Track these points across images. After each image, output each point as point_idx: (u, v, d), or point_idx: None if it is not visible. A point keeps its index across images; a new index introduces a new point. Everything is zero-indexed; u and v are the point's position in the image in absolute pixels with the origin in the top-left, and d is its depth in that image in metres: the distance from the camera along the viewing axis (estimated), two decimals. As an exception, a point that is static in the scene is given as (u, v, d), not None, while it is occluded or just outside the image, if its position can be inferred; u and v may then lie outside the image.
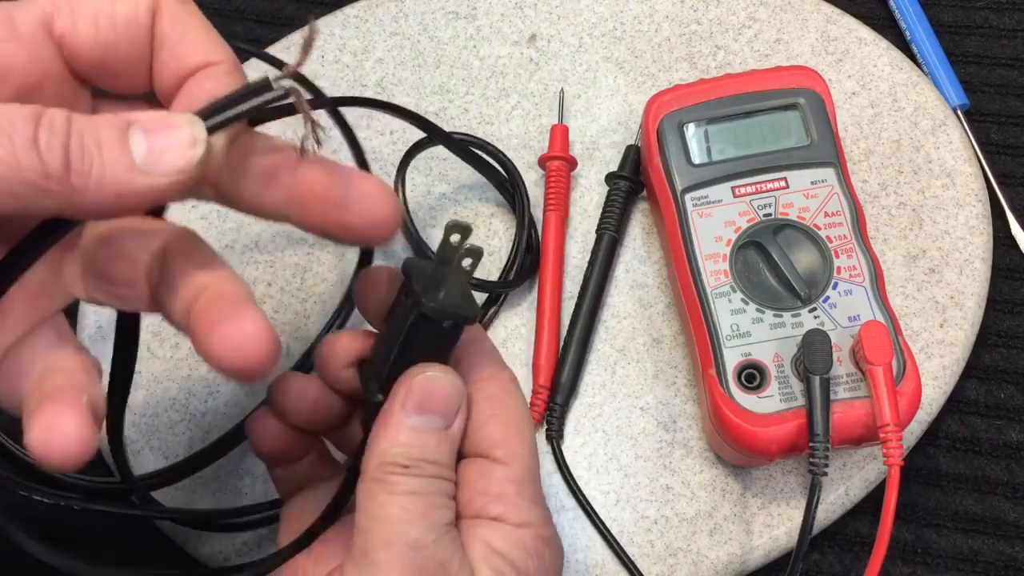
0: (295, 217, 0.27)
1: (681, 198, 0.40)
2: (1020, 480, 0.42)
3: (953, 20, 0.52)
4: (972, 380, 0.44)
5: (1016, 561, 0.41)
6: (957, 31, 0.52)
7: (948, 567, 0.41)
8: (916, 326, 0.43)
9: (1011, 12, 0.52)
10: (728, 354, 0.37)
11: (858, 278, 0.38)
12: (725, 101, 0.41)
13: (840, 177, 0.40)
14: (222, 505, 0.41)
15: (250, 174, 0.27)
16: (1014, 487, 0.42)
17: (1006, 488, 0.42)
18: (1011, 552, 0.41)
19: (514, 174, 0.45)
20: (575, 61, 0.50)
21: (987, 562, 0.41)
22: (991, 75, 0.50)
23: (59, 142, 0.24)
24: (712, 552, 0.40)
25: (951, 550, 0.41)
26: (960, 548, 0.41)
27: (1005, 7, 0.52)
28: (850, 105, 0.47)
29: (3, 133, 0.23)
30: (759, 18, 0.50)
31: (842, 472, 0.40)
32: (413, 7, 0.51)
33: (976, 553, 0.41)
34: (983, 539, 0.41)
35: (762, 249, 0.38)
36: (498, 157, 0.45)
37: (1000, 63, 0.51)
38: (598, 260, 0.44)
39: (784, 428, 0.36)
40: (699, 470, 0.41)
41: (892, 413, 0.34)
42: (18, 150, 0.23)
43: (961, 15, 0.52)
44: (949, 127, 0.46)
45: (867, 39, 0.49)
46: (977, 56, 0.51)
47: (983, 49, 0.51)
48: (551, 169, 0.46)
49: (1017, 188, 0.48)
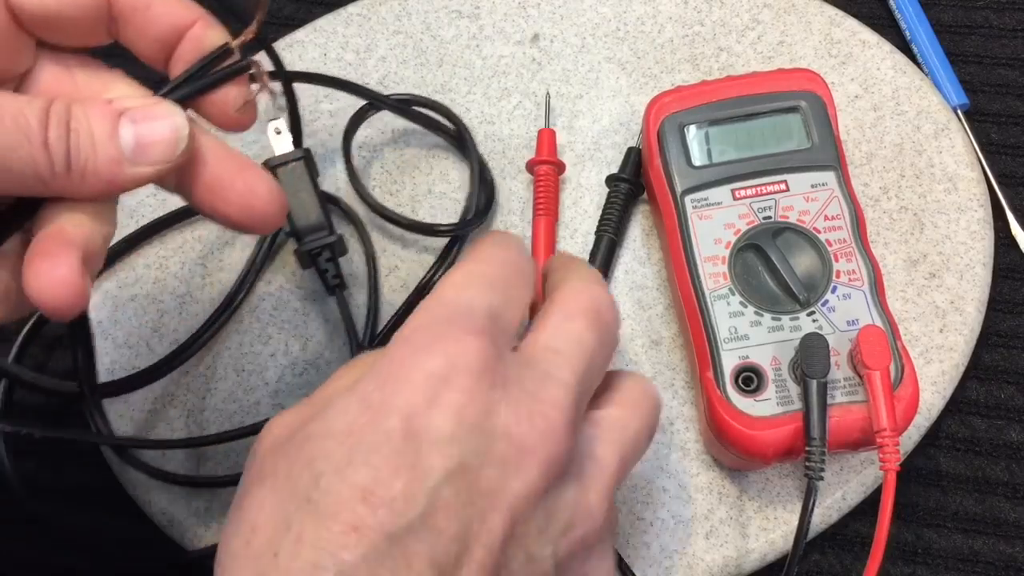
0: (183, 194, 0.30)
1: (681, 200, 0.40)
2: (1020, 480, 0.42)
3: (953, 20, 0.52)
4: (972, 380, 0.44)
5: (1016, 561, 0.41)
6: (957, 31, 0.51)
7: (948, 567, 0.41)
8: (916, 331, 0.42)
9: (1011, 12, 0.52)
10: (726, 357, 0.37)
11: (857, 282, 0.38)
12: (726, 103, 0.41)
13: (841, 180, 0.39)
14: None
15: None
16: (1014, 487, 0.42)
17: (1006, 488, 0.42)
18: (1011, 552, 0.41)
19: (458, 122, 0.47)
20: (577, 61, 0.50)
21: (987, 562, 0.41)
22: (991, 75, 0.50)
23: (62, 142, 0.25)
24: (708, 555, 0.39)
25: (951, 550, 0.41)
26: (960, 548, 0.41)
27: (1005, 7, 0.52)
28: (853, 108, 0.47)
29: (21, 131, 0.24)
30: (762, 20, 0.50)
31: (839, 476, 0.40)
32: (416, 5, 0.51)
33: (976, 553, 0.41)
34: (983, 539, 0.41)
35: (761, 252, 0.38)
36: (440, 110, 0.47)
37: (1000, 63, 0.51)
38: (596, 262, 0.44)
39: (781, 432, 0.35)
40: (696, 473, 0.41)
41: (889, 418, 0.34)
42: (34, 149, 0.25)
43: (961, 15, 0.52)
44: (952, 131, 0.46)
45: (871, 42, 0.49)
46: (977, 56, 0.51)
47: (983, 49, 0.51)
48: (539, 173, 0.46)
49: (1017, 188, 0.48)
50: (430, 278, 0.44)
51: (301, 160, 0.42)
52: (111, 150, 0.26)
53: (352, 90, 0.43)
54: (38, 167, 0.25)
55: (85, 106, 0.26)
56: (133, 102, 0.27)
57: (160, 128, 0.27)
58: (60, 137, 0.25)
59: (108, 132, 0.26)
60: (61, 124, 0.26)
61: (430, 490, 0.23)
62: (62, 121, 0.26)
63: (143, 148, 0.27)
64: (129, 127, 0.27)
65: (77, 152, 0.26)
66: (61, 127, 0.26)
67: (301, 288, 0.46)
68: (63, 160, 0.25)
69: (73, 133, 0.26)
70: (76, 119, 0.26)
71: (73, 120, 0.26)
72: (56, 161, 0.25)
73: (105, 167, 0.26)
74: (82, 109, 0.26)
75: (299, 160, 0.42)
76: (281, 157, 0.42)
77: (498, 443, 0.25)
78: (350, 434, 0.24)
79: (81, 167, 0.26)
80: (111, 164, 0.26)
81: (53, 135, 0.25)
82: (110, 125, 0.26)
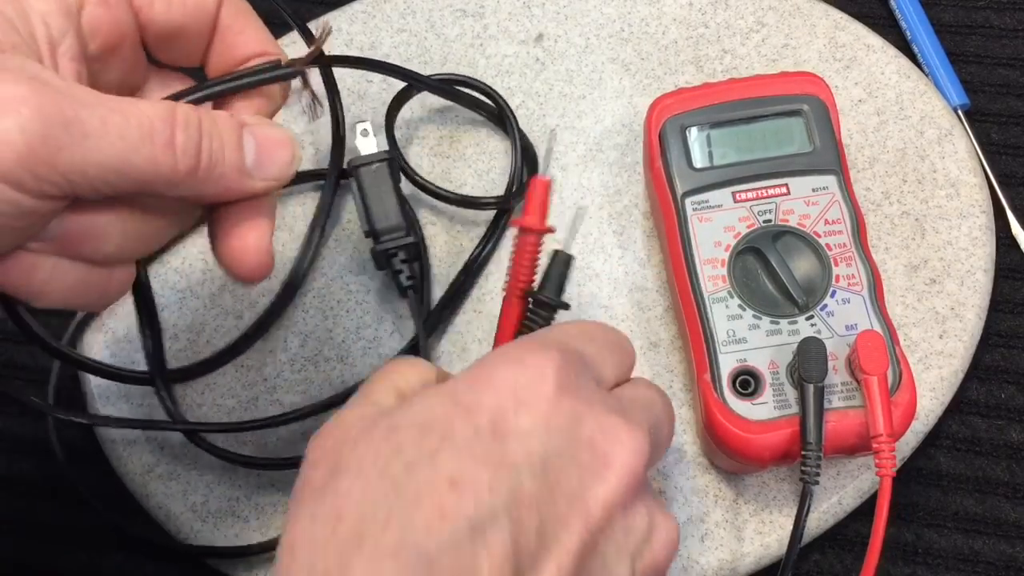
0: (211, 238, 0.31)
1: (681, 202, 0.40)
2: (1020, 480, 0.42)
3: (953, 20, 0.52)
4: (973, 380, 0.44)
5: (1016, 561, 0.41)
6: (957, 31, 0.51)
7: (948, 567, 0.41)
8: (915, 336, 0.42)
9: (1011, 12, 0.52)
10: (723, 360, 0.37)
11: (856, 287, 0.38)
12: (728, 106, 0.41)
13: (842, 185, 0.39)
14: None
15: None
16: (1014, 487, 0.42)
17: (1007, 488, 0.42)
18: (1011, 552, 0.41)
19: (498, 99, 0.47)
20: (581, 62, 0.50)
21: (987, 562, 0.41)
22: (991, 75, 0.50)
23: (193, 144, 0.26)
24: (702, 558, 0.39)
25: (951, 550, 0.41)
26: (960, 548, 0.41)
27: (1005, 7, 0.52)
28: (856, 112, 0.47)
29: (146, 134, 0.25)
30: (767, 23, 0.49)
31: (836, 481, 0.40)
32: (421, 4, 0.51)
33: (976, 553, 0.41)
34: (983, 539, 0.41)
35: (761, 255, 0.38)
36: (480, 88, 0.47)
37: (1000, 63, 0.50)
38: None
39: (777, 435, 0.35)
40: (692, 475, 0.41)
41: (886, 424, 0.34)
42: (158, 151, 0.25)
43: (961, 15, 0.52)
44: (955, 137, 0.46)
45: (875, 46, 0.48)
46: (977, 56, 0.51)
47: (983, 49, 0.51)
48: (523, 243, 0.35)
49: (1018, 188, 0.48)
50: (479, 253, 0.45)
51: (385, 162, 0.43)
52: (237, 158, 0.27)
53: (393, 72, 0.43)
54: (160, 167, 0.25)
55: (213, 114, 0.27)
56: (250, 118, 0.29)
57: (279, 145, 0.29)
58: (191, 138, 0.26)
59: (235, 141, 0.27)
60: (191, 126, 0.26)
61: (514, 482, 0.24)
62: (192, 123, 0.26)
63: (262, 163, 0.28)
64: (251, 140, 0.28)
65: (209, 155, 0.27)
66: (192, 129, 0.26)
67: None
68: (192, 162, 0.26)
69: (206, 136, 0.27)
70: (207, 124, 0.27)
71: (205, 122, 0.27)
72: (181, 161, 0.26)
73: (231, 173, 0.27)
74: (209, 115, 0.27)
75: (383, 162, 0.43)
76: (366, 157, 0.43)
77: (582, 450, 0.26)
78: (440, 427, 0.25)
79: (210, 170, 0.27)
80: (236, 172, 0.28)
81: (181, 137, 0.26)
82: (236, 135, 0.28)
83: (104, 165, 0.24)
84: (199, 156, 0.26)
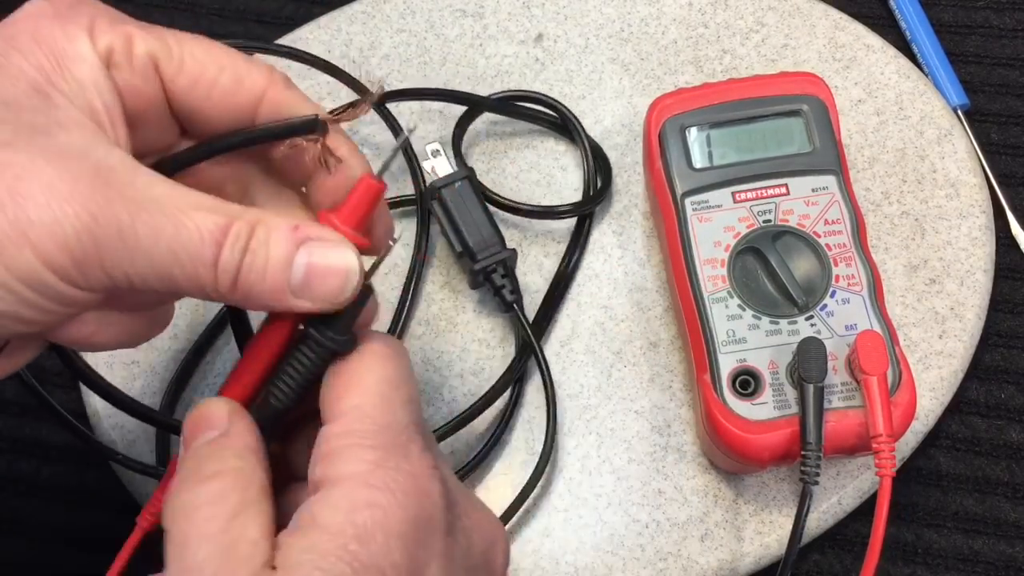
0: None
1: (681, 202, 0.40)
2: (1020, 480, 0.42)
3: (953, 20, 0.52)
4: (973, 380, 0.44)
5: (1016, 561, 0.41)
6: (957, 31, 0.51)
7: (948, 567, 0.41)
8: (915, 336, 0.42)
9: (1011, 12, 0.52)
10: (723, 360, 0.37)
11: (856, 287, 0.38)
12: (728, 106, 0.41)
13: (841, 185, 0.39)
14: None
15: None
16: (1014, 487, 0.42)
17: (1006, 488, 0.42)
18: (1011, 552, 0.41)
19: (560, 109, 0.47)
20: (581, 62, 0.50)
21: (987, 562, 0.41)
22: (991, 75, 0.50)
23: (234, 263, 0.25)
24: (702, 558, 0.39)
25: (951, 550, 0.41)
26: (960, 548, 0.41)
27: (1005, 7, 0.52)
28: (856, 112, 0.47)
29: (195, 253, 0.24)
30: (767, 23, 0.49)
31: (835, 481, 0.40)
32: (420, 4, 0.51)
33: (976, 553, 0.41)
34: (983, 539, 0.41)
35: (761, 255, 0.38)
36: (542, 101, 0.47)
37: (1000, 63, 0.51)
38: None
39: (777, 435, 0.35)
40: (692, 475, 0.41)
41: (885, 424, 0.34)
42: (200, 269, 0.25)
43: (961, 15, 0.52)
44: (955, 137, 0.46)
45: (875, 46, 0.48)
46: (977, 56, 0.51)
47: (983, 49, 0.51)
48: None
49: (1017, 188, 0.48)
50: (568, 262, 0.45)
51: (466, 179, 0.43)
52: (280, 280, 0.26)
53: (455, 98, 0.44)
54: (200, 280, 0.25)
55: (270, 228, 0.26)
56: (314, 231, 0.26)
57: (332, 274, 0.26)
58: (233, 259, 0.25)
59: (283, 261, 0.25)
60: (238, 246, 0.25)
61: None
62: (240, 243, 0.25)
63: (310, 285, 0.26)
64: (304, 259, 0.26)
65: (248, 275, 0.25)
66: (237, 249, 0.25)
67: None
68: (230, 280, 0.25)
69: (249, 254, 0.25)
70: (257, 240, 0.25)
71: (254, 241, 0.25)
72: (220, 280, 0.25)
73: (269, 295, 0.26)
74: (266, 231, 0.25)
75: (464, 179, 0.43)
76: (446, 178, 0.43)
77: None
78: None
79: (246, 290, 0.25)
80: (275, 293, 0.26)
81: (226, 256, 0.25)
82: (286, 253, 0.26)
83: (147, 274, 0.24)
84: (238, 274, 0.25)
